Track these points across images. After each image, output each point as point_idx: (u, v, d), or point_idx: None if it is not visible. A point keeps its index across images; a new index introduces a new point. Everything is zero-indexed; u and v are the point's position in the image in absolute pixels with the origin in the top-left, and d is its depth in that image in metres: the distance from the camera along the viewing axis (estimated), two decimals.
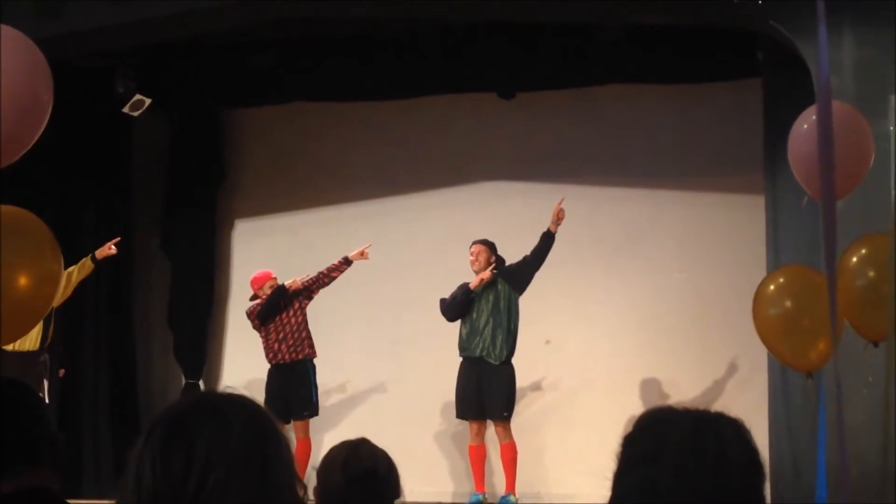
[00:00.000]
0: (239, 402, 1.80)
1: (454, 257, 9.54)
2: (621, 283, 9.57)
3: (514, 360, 9.43)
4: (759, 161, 8.47)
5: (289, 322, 8.66)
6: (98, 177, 9.78)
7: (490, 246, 8.67)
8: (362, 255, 8.80)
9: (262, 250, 10.19)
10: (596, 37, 8.96)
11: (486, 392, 8.30)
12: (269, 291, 8.71)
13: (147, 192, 10.33)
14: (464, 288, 8.50)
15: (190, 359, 10.11)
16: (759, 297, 4.80)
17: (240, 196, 10.52)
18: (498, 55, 9.22)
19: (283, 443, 1.81)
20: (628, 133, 9.66)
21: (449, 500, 9.33)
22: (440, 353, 8.94)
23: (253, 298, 8.88)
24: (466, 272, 9.11)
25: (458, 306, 8.48)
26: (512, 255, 8.76)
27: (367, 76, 9.55)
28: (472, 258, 8.60)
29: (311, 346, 8.70)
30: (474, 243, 8.67)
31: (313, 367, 8.69)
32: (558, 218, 8.34)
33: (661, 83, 9.28)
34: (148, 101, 9.18)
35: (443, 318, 8.59)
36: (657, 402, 1.90)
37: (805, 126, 4.78)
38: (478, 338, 8.41)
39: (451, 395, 8.77)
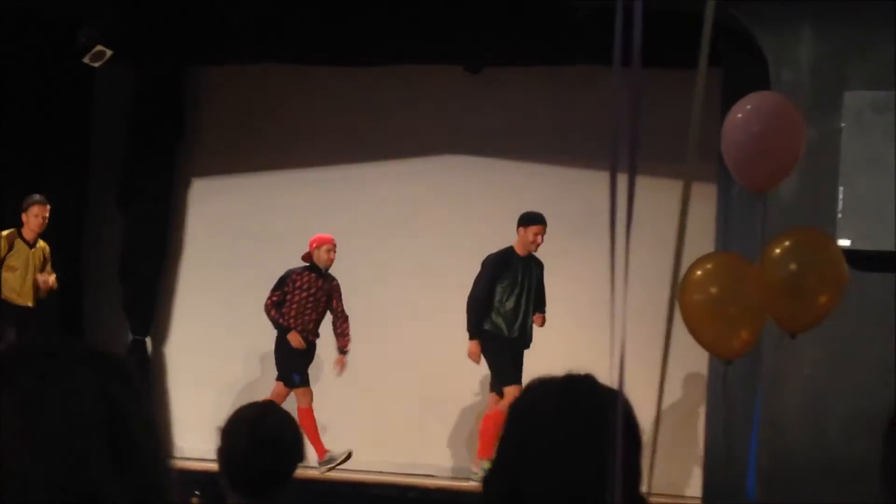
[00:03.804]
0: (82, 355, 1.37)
1: (412, 228, 9.57)
2: (578, 263, 9.56)
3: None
4: (715, 150, 8.46)
5: None
6: (56, 129, 9.71)
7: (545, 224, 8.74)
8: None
9: (218, 210, 10.15)
10: (567, 15, 8.93)
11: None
12: (324, 256, 8.85)
13: (105, 146, 10.26)
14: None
15: (138, 315, 10.04)
16: (685, 282, 4.82)
17: (199, 154, 10.44)
18: (467, 28, 9.19)
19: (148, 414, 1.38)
20: (593, 115, 9.62)
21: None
22: (394, 322, 8.95)
23: (305, 258, 8.93)
24: (423, 243, 9.15)
25: None
26: (472, 230, 8.77)
27: (336, 41, 9.50)
28: (539, 240, 8.63)
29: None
30: (543, 221, 8.65)
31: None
32: None
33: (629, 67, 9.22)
34: (109, 53, 9.11)
35: (395, 289, 8.63)
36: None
37: (738, 115, 4.79)
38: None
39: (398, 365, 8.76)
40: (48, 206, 8.77)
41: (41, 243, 8.87)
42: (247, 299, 9.91)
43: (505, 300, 8.55)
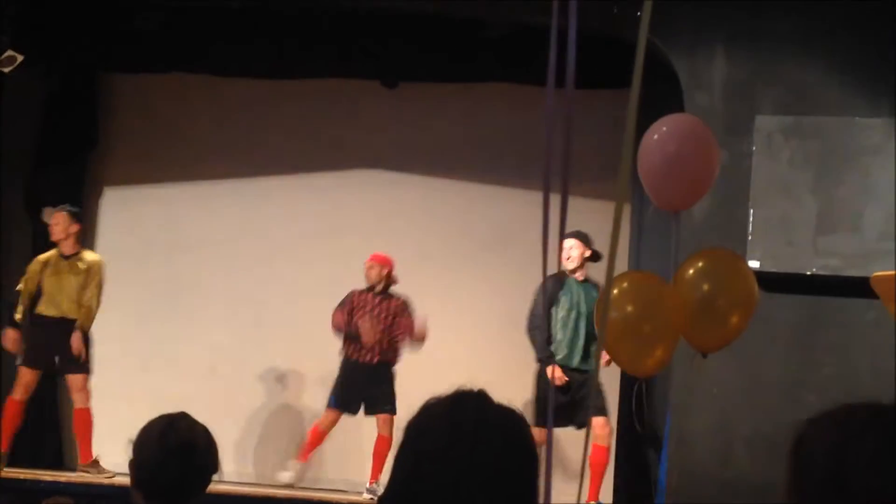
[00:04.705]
0: None
1: (326, 242, 9.55)
2: (488, 280, 9.63)
3: None
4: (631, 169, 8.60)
5: None
6: None
7: (584, 239, 7.92)
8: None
9: (129, 220, 10.03)
10: (483, 34, 8.99)
11: None
12: (368, 273, 8.66)
13: (14, 152, 10.07)
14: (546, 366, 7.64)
15: None
16: (602, 300, 4.88)
17: (111, 163, 10.30)
18: (384, 43, 9.22)
19: None
20: (507, 133, 9.71)
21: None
22: (305, 338, 8.92)
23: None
24: (336, 258, 9.09)
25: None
26: (385, 244, 8.77)
27: (251, 53, 9.47)
28: (566, 256, 7.83)
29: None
30: (568, 236, 7.68)
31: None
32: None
33: (544, 86, 9.31)
34: (20, 58, 8.95)
35: (307, 304, 8.58)
36: (510, 397, 1.92)
37: (654, 136, 4.87)
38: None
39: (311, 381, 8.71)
40: (64, 214, 8.54)
41: (90, 257, 8.57)
42: (158, 310, 9.82)
43: (561, 326, 7.92)
